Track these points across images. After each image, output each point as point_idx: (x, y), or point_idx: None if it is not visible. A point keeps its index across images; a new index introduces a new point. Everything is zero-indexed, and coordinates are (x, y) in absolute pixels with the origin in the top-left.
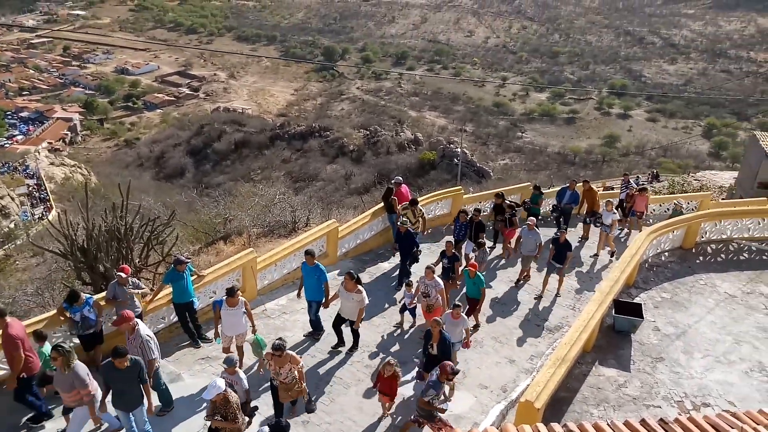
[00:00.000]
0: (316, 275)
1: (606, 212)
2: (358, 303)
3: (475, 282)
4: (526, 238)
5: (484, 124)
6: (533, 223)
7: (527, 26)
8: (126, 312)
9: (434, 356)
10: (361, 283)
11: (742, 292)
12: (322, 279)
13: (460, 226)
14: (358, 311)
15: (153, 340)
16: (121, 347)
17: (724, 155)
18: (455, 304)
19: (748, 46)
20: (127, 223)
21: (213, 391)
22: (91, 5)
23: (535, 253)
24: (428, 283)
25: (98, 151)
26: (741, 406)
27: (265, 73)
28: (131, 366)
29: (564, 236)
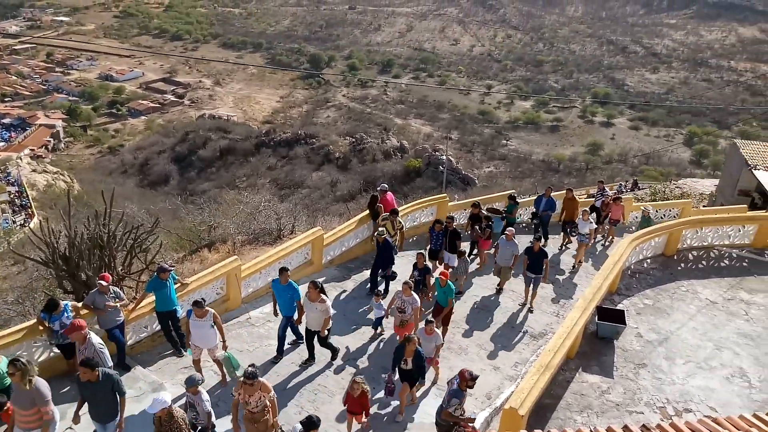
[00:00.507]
0: (289, 293)
1: (582, 221)
2: (322, 313)
3: (445, 291)
4: (504, 248)
5: (469, 132)
6: (512, 233)
7: (512, 35)
8: (77, 321)
9: (407, 371)
10: (325, 293)
11: (723, 298)
12: (295, 297)
13: (437, 236)
14: (324, 321)
15: (106, 350)
16: (89, 359)
17: (705, 163)
18: (428, 320)
19: (729, 56)
20: (110, 230)
21: (157, 406)
22: (75, 11)
23: (511, 263)
24: (405, 299)
25: (81, 158)
26: (722, 411)
27: (250, 80)
28: (104, 378)
29: (538, 245)
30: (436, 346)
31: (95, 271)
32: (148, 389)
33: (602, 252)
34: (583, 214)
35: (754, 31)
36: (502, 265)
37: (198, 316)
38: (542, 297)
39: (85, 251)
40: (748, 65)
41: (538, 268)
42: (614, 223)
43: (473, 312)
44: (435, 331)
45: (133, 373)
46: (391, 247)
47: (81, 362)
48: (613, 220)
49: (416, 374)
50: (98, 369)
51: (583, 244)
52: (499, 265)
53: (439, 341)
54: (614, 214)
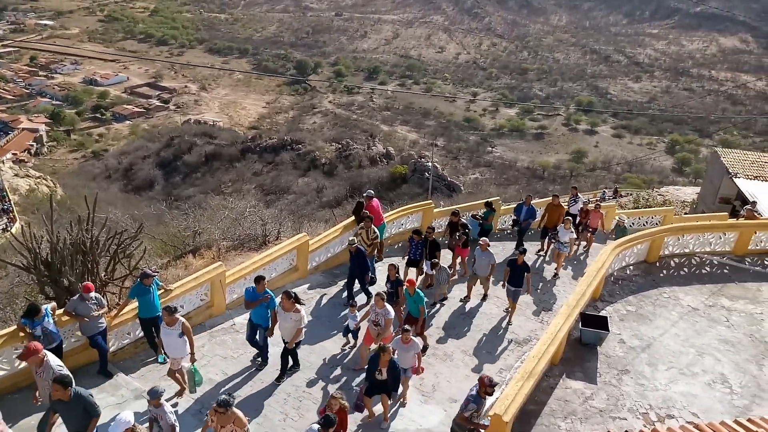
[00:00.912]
0: (264, 303)
1: (563, 230)
2: (295, 323)
3: (415, 300)
4: (480, 258)
5: (454, 139)
6: (486, 243)
7: (497, 43)
8: (32, 344)
9: (382, 382)
10: (300, 302)
11: (705, 305)
12: (271, 306)
13: (415, 246)
14: (296, 332)
15: (65, 371)
16: (64, 376)
17: (687, 171)
18: (404, 328)
19: (710, 65)
20: (93, 236)
21: (120, 427)
22: (59, 15)
23: (488, 273)
24: (379, 311)
25: (65, 162)
26: (704, 417)
27: (236, 85)
28: (75, 398)
29: (522, 258)
30: (415, 354)
31: (78, 277)
32: (131, 396)
33: (582, 260)
34: (565, 222)
35: (735, 41)
36: (480, 274)
37: (167, 323)
38: (526, 304)
39: (67, 257)
40: (729, 75)
41: (519, 282)
42: (593, 231)
43: (458, 319)
44: (412, 340)
45: (116, 380)
46: (364, 256)
47: (54, 379)
48: (591, 228)
49: (391, 385)
50: (71, 388)
51: (562, 253)
52: (477, 275)
53: (417, 349)
54: (592, 221)
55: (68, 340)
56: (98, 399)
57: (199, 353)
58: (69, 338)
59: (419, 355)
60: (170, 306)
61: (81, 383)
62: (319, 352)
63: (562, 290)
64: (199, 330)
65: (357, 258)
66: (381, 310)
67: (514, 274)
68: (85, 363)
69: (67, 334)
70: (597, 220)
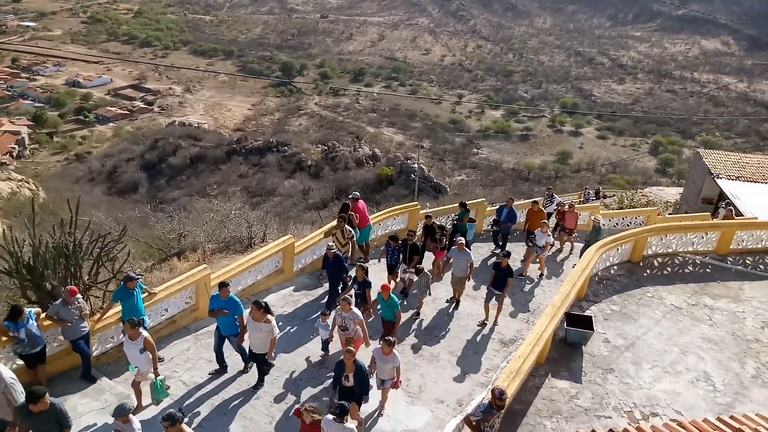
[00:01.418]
0: (229, 309)
1: (540, 233)
2: (267, 334)
3: (389, 305)
4: (457, 259)
5: (440, 141)
6: (463, 243)
7: (482, 45)
8: None
9: (349, 388)
10: (270, 312)
11: (688, 304)
12: (238, 312)
13: (392, 251)
14: (270, 342)
15: (18, 385)
16: (37, 389)
17: (670, 172)
18: (386, 339)
19: (692, 67)
20: (76, 239)
21: None
22: (42, 17)
23: (467, 274)
24: (345, 315)
25: (47, 165)
26: (687, 415)
27: (221, 87)
28: (48, 410)
29: (506, 262)
30: (394, 367)
31: (60, 281)
32: (114, 401)
33: (561, 261)
34: (542, 225)
35: (716, 43)
36: (458, 275)
37: (130, 336)
38: (513, 304)
39: (50, 260)
40: (711, 77)
41: (502, 285)
42: (570, 232)
43: (444, 319)
44: (393, 352)
45: (99, 384)
46: (342, 260)
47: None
48: (568, 229)
49: (359, 391)
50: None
51: (540, 256)
52: (456, 276)
53: (397, 362)
54: (568, 222)
55: (51, 345)
56: (81, 404)
57: (184, 356)
58: (52, 343)
59: (398, 369)
60: (133, 319)
61: (64, 388)
62: (303, 354)
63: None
64: (184, 333)
65: (334, 264)
66: (347, 313)
67: (498, 278)
68: (68, 368)
69: (50, 338)
70: (573, 221)
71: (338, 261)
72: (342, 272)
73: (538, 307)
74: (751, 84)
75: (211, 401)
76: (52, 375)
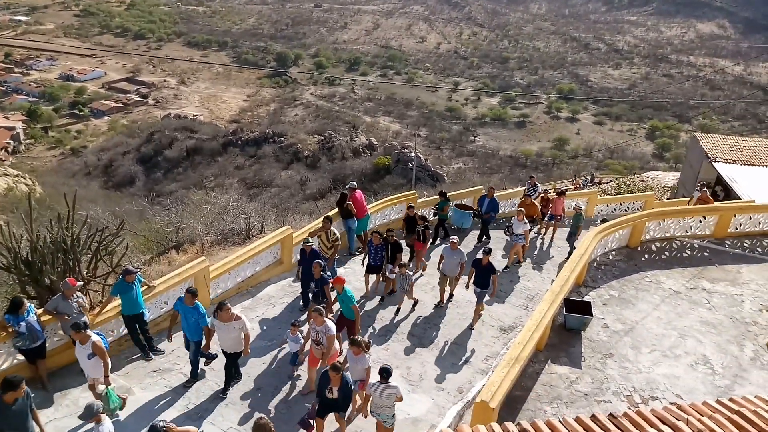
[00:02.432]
0: (194, 317)
1: (517, 222)
2: (239, 330)
3: (343, 299)
4: (449, 257)
5: (437, 129)
6: (456, 242)
7: (477, 32)
8: None
9: (333, 401)
10: None
11: (686, 288)
12: (201, 323)
13: (376, 250)
14: (245, 338)
15: None
16: (13, 377)
17: (667, 156)
18: (354, 339)
19: (688, 51)
20: (74, 233)
21: None
22: (34, 11)
23: (457, 273)
24: (318, 328)
25: (43, 160)
26: (687, 398)
27: (216, 79)
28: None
29: (487, 259)
30: (364, 368)
31: (59, 276)
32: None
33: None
34: (518, 214)
35: (712, 27)
36: (449, 275)
37: (79, 341)
38: (510, 291)
39: (48, 255)
40: (707, 60)
41: (485, 283)
42: (558, 219)
43: (443, 308)
44: (362, 352)
45: None
46: (319, 256)
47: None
48: (557, 216)
49: (342, 404)
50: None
51: (517, 245)
52: (446, 276)
53: (367, 364)
54: (556, 209)
55: (51, 339)
56: (83, 397)
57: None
58: (52, 337)
59: (369, 370)
60: (78, 322)
61: (65, 382)
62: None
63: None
64: None
65: (311, 260)
66: (320, 327)
67: (479, 276)
68: (67, 362)
69: (50, 333)
70: (559, 208)
71: (315, 256)
72: None
73: (526, 291)
74: (747, 67)
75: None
76: (53, 369)
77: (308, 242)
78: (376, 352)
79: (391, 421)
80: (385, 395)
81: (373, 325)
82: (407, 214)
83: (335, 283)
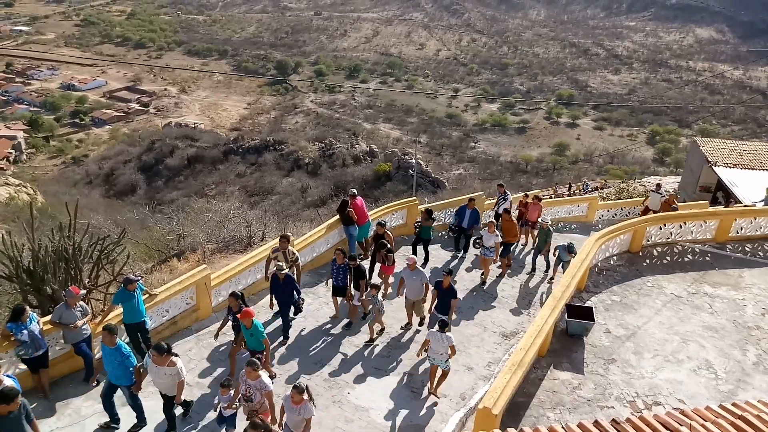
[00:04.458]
0: (117, 359)
1: (487, 234)
2: (172, 377)
3: (252, 333)
4: (409, 280)
5: (437, 135)
6: (413, 262)
7: (477, 39)
8: None
9: None
10: (172, 353)
11: (688, 292)
12: (127, 364)
13: (338, 269)
14: (178, 385)
15: None
16: (8, 389)
17: (667, 161)
18: (297, 386)
19: (687, 56)
20: (76, 242)
21: None
22: (35, 21)
23: (422, 295)
24: (251, 383)
25: (44, 169)
26: (690, 403)
27: (217, 87)
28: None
29: (448, 281)
30: (305, 419)
31: (61, 284)
32: (118, 403)
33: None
34: (489, 225)
35: (711, 31)
36: (413, 298)
37: None
38: (512, 297)
39: (49, 264)
40: (706, 65)
41: (446, 309)
42: (532, 225)
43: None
44: (304, 401)
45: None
46: (293, 284)
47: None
48: (531, 222)
49: None
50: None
51: (488, 259)
52: (410, 300)
53: (309, 413)
54: (531, 215)
55: (53, 348)
56: (85, 407)
57: (186, 357)
58: (54, 346)
59: (309, 421)
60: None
61: (67, 391)
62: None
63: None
64: (186, 334)
65: (285, 287)
66: (254, 381)
67: (440, 299)
68: (69, 371)
69: (52, 342)
70: (535, 214)
71: (289, 283)
72: (293, 295)
73: (527, 297)
74: (746, 71)
75: None
76: (55, 378)
77: (282, 269)
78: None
79: (445, 365)
80: (441, 343)
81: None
82: (376, 232)
83: (243, 317)
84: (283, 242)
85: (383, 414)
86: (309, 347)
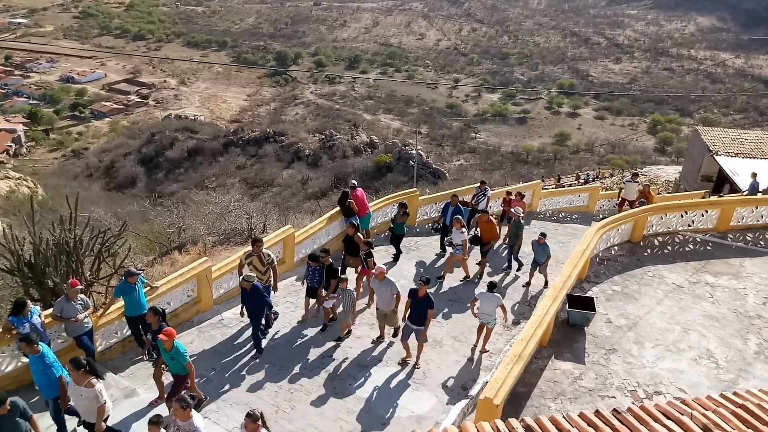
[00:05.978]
0: (40, 367)
1: (456, 231)
2: (90, 400)
3: (173, 356)
4: (378, 290)
5: (438, 126)
6: (381, 272)
7: (477, 29)
8: None
9: None
10: (97, 375)
11: (689, 282)
12: (50, 374)
13: (313, 271)
14: (98, 410)
15: None
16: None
17: (669, 150)
18: (181, 398)
19: (689, 45)
20: (77, 235)
21: None
22: (33, 13)
23: (393, 306)
24: (181, 425)
25: (44, 162)
26: (691, 392)
27: (216, 79)
28: (11, 409)
29: (424, 290)
30: None
31: (62, 278)
32: (121, 395)
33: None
34: (455, 222)
35: (712, 20)
36: (385, 310)
37: None
38: (515, 289)
39: (51, 257)
40: (708, 53)
41: (421, 319)
42: None
43: (446, 304)
44: (192, 417)
45: (105, 379)
46: (261, 295)
47: None
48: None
49: None
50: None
51: (455, 256)
52: (381, 311)
53: None
54: None
55: (55, 341)
56: None
57: (189, 350)
58: (56, 339)
59: None
60: None
61: None
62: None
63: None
64: (188, 326)
65: (254, 297)
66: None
67: (414, 309)
68: None
69: (54, 335)
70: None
71: (257, 294)
72: (260, 309)
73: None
74: (748, 59)
75: None
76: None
77: (249, 279)
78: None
79: (493, 323)
80: (490, 302)
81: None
82: (348, 234)
83: (164, 337)
84: (257, 246)
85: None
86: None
